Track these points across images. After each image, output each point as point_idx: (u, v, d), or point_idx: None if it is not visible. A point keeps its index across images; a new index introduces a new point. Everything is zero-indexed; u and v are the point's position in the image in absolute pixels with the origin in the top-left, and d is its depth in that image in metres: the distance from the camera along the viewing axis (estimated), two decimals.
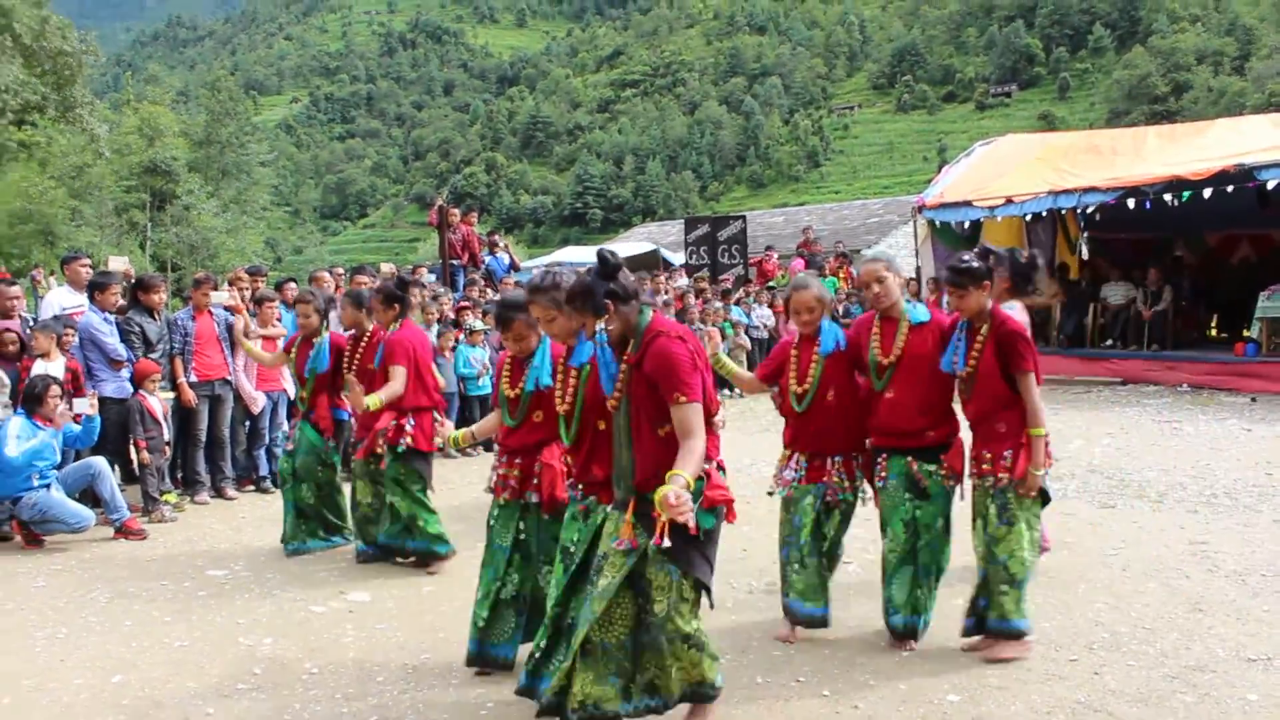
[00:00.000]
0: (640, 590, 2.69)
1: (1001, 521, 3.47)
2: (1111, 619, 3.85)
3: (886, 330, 3.62)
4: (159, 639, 3.92)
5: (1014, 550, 3.45)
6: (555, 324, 3.01)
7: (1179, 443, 7.56)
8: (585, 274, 2.74)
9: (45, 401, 5.31)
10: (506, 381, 3.46)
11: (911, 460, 3.57)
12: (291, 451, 5.19)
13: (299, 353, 5.25)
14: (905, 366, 3.56)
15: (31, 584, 4.75)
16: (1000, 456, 3.49)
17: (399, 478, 4.66)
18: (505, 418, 3.48)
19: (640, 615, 2.71)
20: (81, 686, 3.46)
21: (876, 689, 3.27)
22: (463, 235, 11.50)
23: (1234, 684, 3.24)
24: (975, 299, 3.51)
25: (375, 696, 3.33)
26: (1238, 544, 4.83)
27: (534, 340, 3.40)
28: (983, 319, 3.54)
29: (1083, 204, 10.83)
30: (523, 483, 3.41)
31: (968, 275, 3.49)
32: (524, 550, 3.40)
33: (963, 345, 3.56)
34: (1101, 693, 3.19)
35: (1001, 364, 3.48)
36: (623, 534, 2.67)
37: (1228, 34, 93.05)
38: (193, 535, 5.65)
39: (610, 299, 2.68)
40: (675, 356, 2.62)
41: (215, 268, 24.96)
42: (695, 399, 2.60)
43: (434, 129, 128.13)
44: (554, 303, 2.97)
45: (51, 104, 26.13)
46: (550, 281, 2.99)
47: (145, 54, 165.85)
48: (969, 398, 3.59)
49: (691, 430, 2.58)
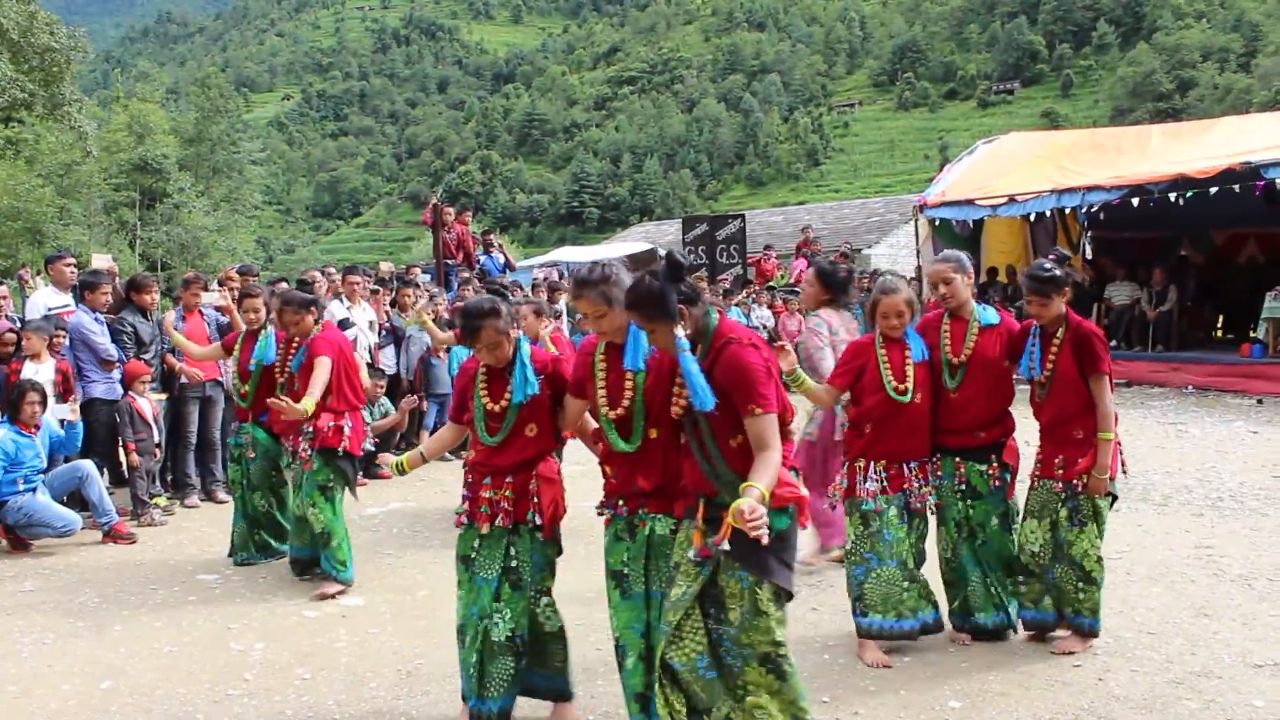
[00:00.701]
0: (713, 599, 2.54)
1: (1073, 524, 3.52)
2: (1116, 624, 3.80)
3: (956, 331, 3.67)
4: (149, 644, 3.88)
5: (1087, 550, 3.51)
6: (605, 320, 2.74)
7: (1184, 445, 7.51)
8: (652, 278, 2.54)
9: (22, 408, 5.25)
10: (486, 395, 3.05)
11: (959, 461, 3.63)
12: (245, 458, 4.93)
13: (243, 346, 4.99)
14: (974, 367, 3.61)
15: (18, 588, 4.70)
16: (1074, 462, 3.51)
17: (327, 483, 4.44)
18: (483, 436, 3.06)
19: (712, 631, 2.53)
20: (70, 693, 3.42)
21: (877, 695, 3.24)
22: (457, 234, 11.44)
23: (1240, 690, 3.20)
24: (1057, 305, 3.54)
25: (368, 702, 3.29)
26: (1244, 548, 4.79)
27: (508, 348, 3.04)
28: (1058, 323, 3.57)
29: (1087, 203, 10.78)
30: (518, 504, 3.03)
31: (1051, 284, 3.51)
32: (515, 579, 3.02)
33: (1038, 349, 3.58)
34: (1105, 699, 3.16)
35: (1079, 367, 3.49)
36: (694, 542, 2.54)
37: (1233, 30, 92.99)
38: (183, 539, 5.60)
39: (684, 303, 2.53)
40: (750, 366, 2.49)
41: (206, 267, 24.93)
42: (771, 410, 2.48)
43: (428, 127, 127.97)
44: (604, 298, 2.72)
45: (39, 101, 26.01)
46: (600, 274, 2.74)
47: (135, 50, 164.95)
48: (1044, 402, 3.60)
49: (767, 442, 2.46)
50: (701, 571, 2.53)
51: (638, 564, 2.78)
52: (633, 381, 2.76)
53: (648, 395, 2.75)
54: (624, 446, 2.76)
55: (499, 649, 2.98)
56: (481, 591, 3.02)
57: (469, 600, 3.04)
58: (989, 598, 3.66)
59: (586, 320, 2.81)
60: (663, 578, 2.73)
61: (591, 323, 2.79)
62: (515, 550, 3.03)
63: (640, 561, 2.78)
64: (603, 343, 2.85)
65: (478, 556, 3.05)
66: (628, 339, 2.74)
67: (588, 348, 2.92)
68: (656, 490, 2.77)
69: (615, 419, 2.77)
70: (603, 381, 2.81)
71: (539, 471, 3.06)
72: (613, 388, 2.79)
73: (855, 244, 18.53)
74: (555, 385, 3.06)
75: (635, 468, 2.78)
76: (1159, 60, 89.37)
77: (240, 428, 5.01)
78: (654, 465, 2.77)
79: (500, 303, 3.06)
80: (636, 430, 2.76)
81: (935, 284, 3.68)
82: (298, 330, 4.62)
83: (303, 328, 4.59)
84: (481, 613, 3.00)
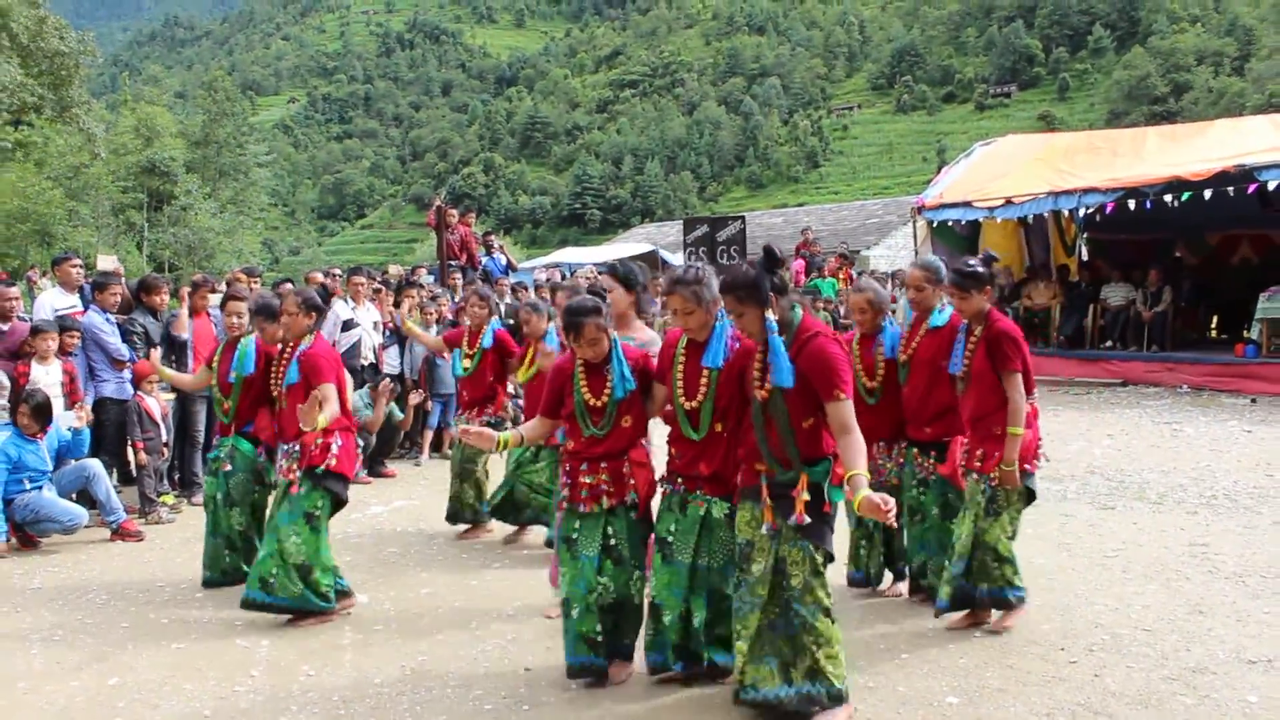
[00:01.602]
0: (777, 569, 2.88)
1: (989, 514, 3.70)
2: (1111, 621, 3.84)
3: (911, 330, 4.01)
4: (156, 641, 3.90)
5: (999, 537, 3.70)
6: (693, 317, 3.05)
7: (1179, 444, 7.55)
8: (750, 266, 2.86)
9: (17, 419, 5.28)
10: (587, 390, 3.26)
11: (917, 451, 3.98)
12: (224, 471, 4.54)
13: (222, 359, 4.64)
14: (915, 365, 3.95)
15: (27, 585, 4.73)
16: (992, 455, 3.66)
17: (314, 510, 4.01)
18: (587, 428, 3.27)
19: (778, 593, 2.88)
20: (77, 689, 3.45)
21: (876, 691, 3.26)
22: (461, 236, 11.48)
23: (1234, 686, 3.23)
24: (977, 302, 3.71)
25: (372, 699, 3.31)
26: (1238, 546, 4.82)
27: (605, 343, 3.25)
28: (979, 321, 3.73)
29: (1083, 205, 10.81)
30: (616, 486, 3.25)
31: (972, 279, 3.69)
32: (616, 556, 3.24)
33: (960, 347, 3.78)
34: (1101, 695, 3.19)
35: (993, 364, 3.65)
36: (766, 518, 2.87)
37: (1227, 34, 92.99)
38: (189, 537, 5.60)
39: (775, 292, 2.82)
40: (835, 356, 2.80)
41: (212, 268, 24.93)
42: (850, 396, 2.80)
43: (432, 129, 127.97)
44: (695, 297, 3.01)
45: (48, 104, 26.07)
46: (694, 275, 3.04)
47: (142, 54, 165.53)
48: (964, 397, 3.79)
49: (850, 425, 2.77)
50: (773, 545, 2.88)
51: (686, 537, 3.11)
52: (708, 378, 3.07)
53: (719, 391, 3.06)
54: (693, 435, 3.11)
55: (606, 612, 3.24)
56: (585, 567, 3.24)
57: (573, 577, 3.25)
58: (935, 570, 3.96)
59: (675, 316, 3.10)
60: (714, 554, 3.11)
61: (680, 318, 3.08)
62: (613, 529, 3.26)
63: (690, 536, 3.11)
64: (685, 338, 3.15)
65: (579, 537, 3.28)
66: (710, 337, 3.05)
67: (672, 340, 3.23)
68: (714, 476, 3.10)
69: (689, 410, 3.10)
70: (680, 374, 3.13)
71: (631, 456, 3.30)
72: (689, 380, 3.11)
73: (854, 245, 18.58)
74: (645, 379, 3.32)
75: (700, 454, 3.12)
76: (1154, 64, 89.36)
77: (220, 441, 4.65)
78: (716, 454, 3.10)
79: (601, 303, 3.34)
80: (704, 422, 3.09)
81: (909, 286, 4.00)
82: (292, 329, 4.21)
83: (297, 327, 4.19)
84: (589, 587, 3.22)
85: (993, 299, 3.75)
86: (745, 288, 2.81)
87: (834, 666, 2.90)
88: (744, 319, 2.86)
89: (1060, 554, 4.74)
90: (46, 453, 5.39)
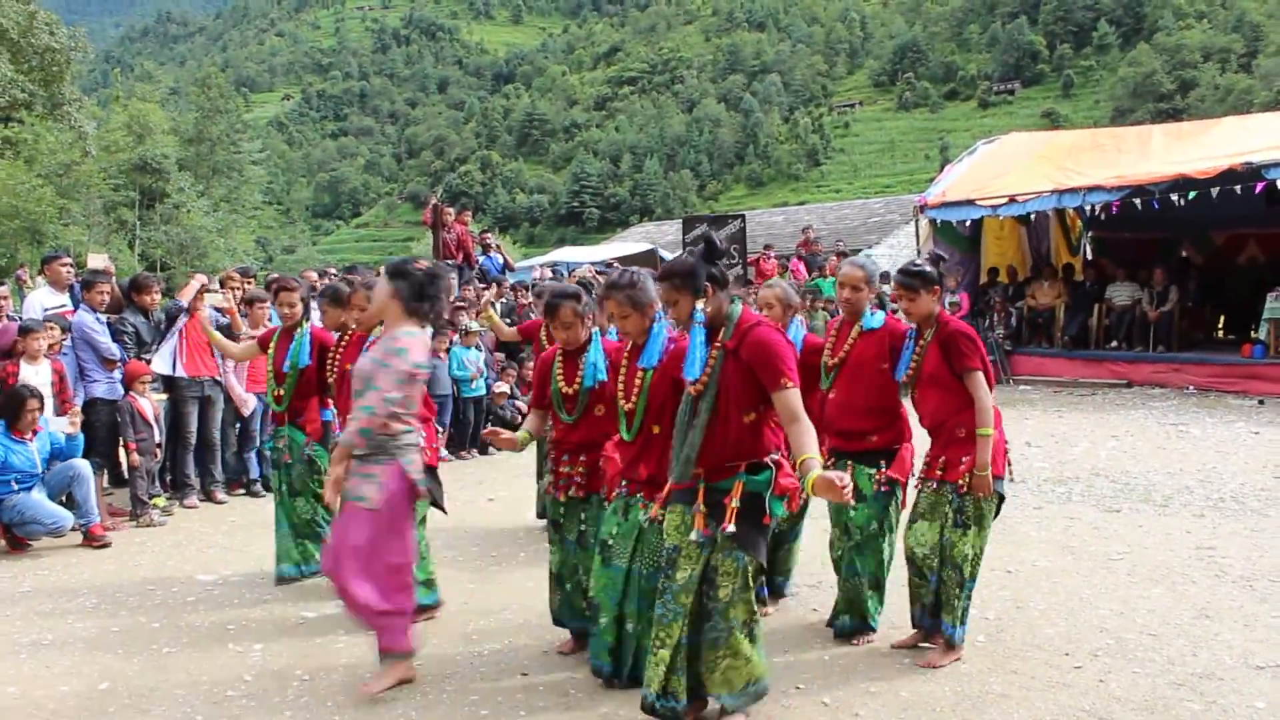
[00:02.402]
0: (705, 578, 2.80)
1: (958, 525, 3.47)
2: (1117, 625, 3.80)
3: (842, 333, 3.78)
4: (147, 645, 3.86)
5: (969, 554, 3.47)
6: (629, 321, 3.11)
7: (1185, 446, 7.50)
8: (691, 255, 2.86)
9: (22, 415, 5.23)
10: (561, 378, 3.46)
11: (850, 464, 3.60)
12: (282, 462, 4.66)
13: (278, 346, 4.73)
14: (847, 369, 3.69)
15: (17, 589, 4.69)
16: (958, 461, 3.45)
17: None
18: (563, 414, 3.47)
19: (702, 604, 2.80)
20: (68, 694, 3.41)
21: (878, 696, 3.23)
22: (457, 235, 11.43)
23: (1241, 691, 3.19)
24: (925, 303, 3.54)
25: (367, 703, 3.27)
26: (1245, 549, 4.78)
27: (582, 332, 3.44)
28: (929, 324, 3.56)
29: (1087, 203, 10.77)
30: (589, 478, 3.44)
31: (919, 278, 3.53)
32: (584, 542, 3.48)
33: (908, 352, 3.60)
34: (1107, 700, 3.15)
35: (949, 365, 3.48)
36: (697, 524, 2.77)
37: (1234, 31, 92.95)
38: (181, 539, 5.58)
39: (710, 282, 2.80)
40: (779, 344, 2.77)
41: (205, 267, 24.93)
42: (798, 385, 2.74)
43: (428, 127, 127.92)
44: (631, 301, 3.07)
45: (39, 101, 26.01)
46: (628, 280, 3.10)
47: (135, 50, 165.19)
48: (917, 402, 3.61)
49: (798, 414, 2.70)
50: (702, 552, 2.79)
51: (625, 541, 3.13)
52: (642, 378, 3.12)
53: (652, 392, 3.09)
54: (627, 436, 3.15)
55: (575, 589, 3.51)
56: (568, 551, 3.51)
57: (560, 558, 3.53)
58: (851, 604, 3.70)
59: (613, 320, 3.15)
60: (645, 559, 3.09)
61: (617, 322, 3.13)
62: (585, 517, 3.46)
63: (628, 540, 3.12)
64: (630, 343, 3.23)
65: (563, 521, 3.52)
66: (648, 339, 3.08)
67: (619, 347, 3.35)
68: (651, 479, 3.10)
69: (627, 411, 3.15)
70: (622, 376, 3.21)
71: (605, 449, 3.37)
72: (628, 382, 3.18)
73: (856, 244, 18.50)
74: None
75: (638, 456, 3.14)
76: (1160, 60, 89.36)
77: (275, 431, 4.76)
78: (653, 456, 3.10)
79: (582, 290, 3.50)
80: (637, 423, 3.13)
81: (845, 285, 3.71)
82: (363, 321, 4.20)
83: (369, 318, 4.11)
84: (564, 561, 3.51)
85: (941, 300, 3.59)
86: (680, 275, 2.80)
87: (738, 677, 2.81)
88: (677, 307, 2.83)
89: (1065, 557, 4.70)
90: (37, 455, 5.33)
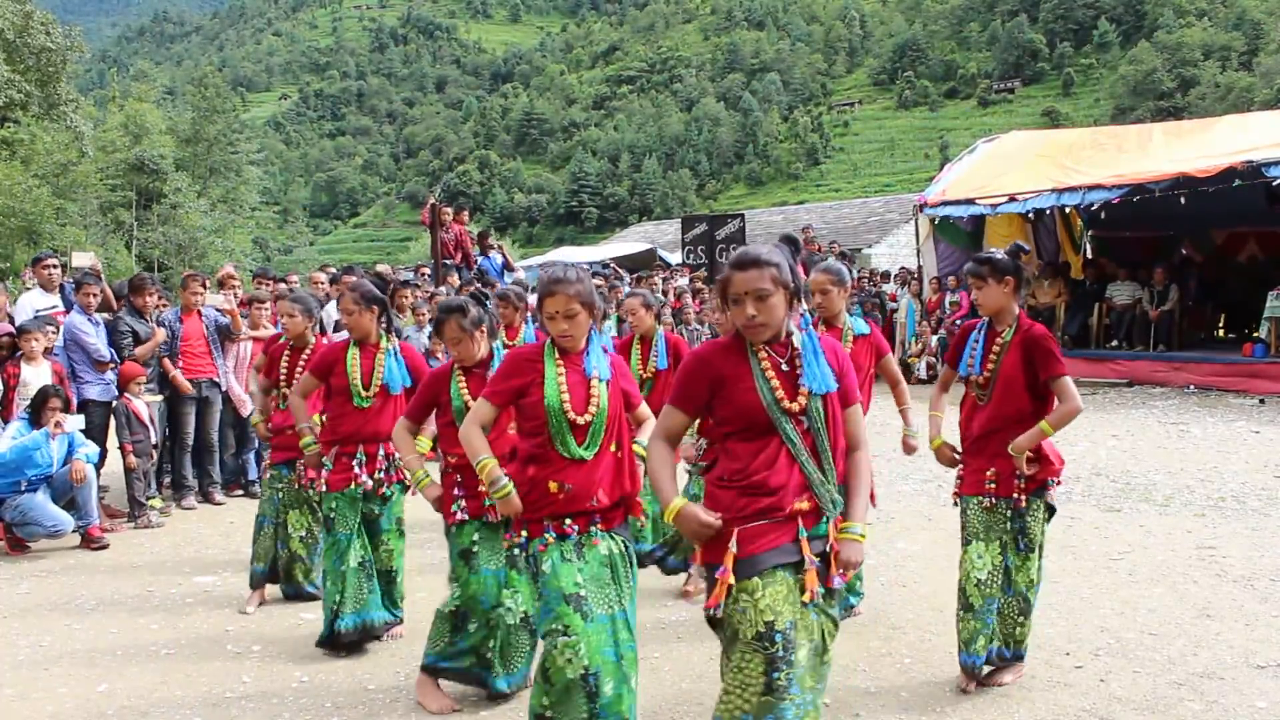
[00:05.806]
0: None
1: (1020, 548, 3.24)
2: (1117, 625, 3.79)
3: None
4: (145, 646, 3.86)
5: (1033, 579, 3.27)
6: (576, 321, 2.61)
7: (1186, 445, 7.49)
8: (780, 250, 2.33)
9: (44, 413, 5.27)
10: (466, 393, 3.20)
11: None
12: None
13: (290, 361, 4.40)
14: None
15: (15, 590, 4.69)
16: (1011, 474, 3.19)
17: (402, 515, 3.97)
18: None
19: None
20: (66, 695, 3.40)
21: (877, 696, 3.22)
22: (455, 235, 11.41)
23: (1242, 691, 3.18)
24: (995, 294, 3.24)
25: (366, 705, 3.27)
26: (1246, 548, 4.76)
27: (472, 346, 3.18)
28: (1004, 320, 3.28)
29: (1087, 201, 10.74)
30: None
31: (989, 266, 3.24)
32: (517, 565, 3.13)
33: (980, 348, 3.29)
34: (1107, 700, 3.14)
35: (1028, 371, 3.18)
36: (810, 584, 2.19)
37: (1235, 29, 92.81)
38: (179, 541, 5.57)
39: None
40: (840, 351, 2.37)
41: (203, 267, 24.92)
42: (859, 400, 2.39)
43: (426, 126, 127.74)
44: (579, 297, 2.60)
45: (35, 101, 25.95)
46: (574, 275, 2.63)
47: (131, 50, 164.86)
48: (984, 405, 3.28)
49: (863, 438, 2.34)
50: (815, 618, 2.22)
51: (600, 586, 2.56)
52: (596, 388, 2.65)
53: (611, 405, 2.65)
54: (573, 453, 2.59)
55: (514, 630, 3.19)
56: (488, 582, 3.17)
57: (475, 592, 3.17)
58: None
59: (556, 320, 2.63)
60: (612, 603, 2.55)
61: (560, 321, 2.62)
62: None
63: (601, 584, 2.57)
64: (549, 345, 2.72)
65: (480, 549, 3.19)
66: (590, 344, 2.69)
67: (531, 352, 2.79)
68: (615, 506, 2.65)
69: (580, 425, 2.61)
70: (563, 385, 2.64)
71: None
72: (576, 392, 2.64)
73: (856, 244, 18.50)
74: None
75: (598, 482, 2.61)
76: (1160, 59, 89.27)
77: None
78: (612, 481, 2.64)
79: (470, 303, 3.21)
80: (597, 439, 2.63)
81: (813, 292, 3.66)
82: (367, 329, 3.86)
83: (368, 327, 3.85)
84: (492, 602, 3.15)
85: (1019, 296, 3.25)
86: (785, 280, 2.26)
87: None
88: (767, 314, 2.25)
89: (1065, 557, 4.69)
90: (56, 455, 5.31)
